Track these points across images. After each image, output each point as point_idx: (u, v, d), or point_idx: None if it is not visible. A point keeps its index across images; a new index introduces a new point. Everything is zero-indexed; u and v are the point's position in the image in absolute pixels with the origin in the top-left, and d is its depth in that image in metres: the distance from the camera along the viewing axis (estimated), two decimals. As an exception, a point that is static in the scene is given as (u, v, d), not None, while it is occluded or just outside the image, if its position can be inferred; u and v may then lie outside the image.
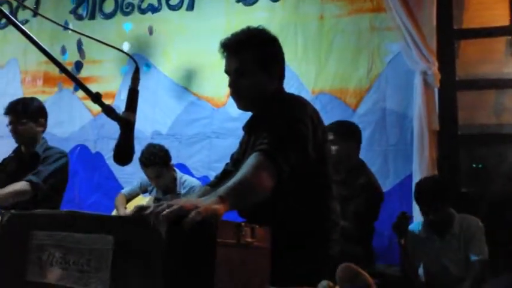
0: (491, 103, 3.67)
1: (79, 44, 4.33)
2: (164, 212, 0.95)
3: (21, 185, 2.54)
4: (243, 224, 1.06)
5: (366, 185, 2.80)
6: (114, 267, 0.96)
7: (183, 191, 3.27)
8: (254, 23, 1.74)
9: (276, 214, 1.42)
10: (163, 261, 0.92)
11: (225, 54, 1.69)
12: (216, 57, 1.73)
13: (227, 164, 1.91)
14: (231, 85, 1.67)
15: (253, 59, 1.64)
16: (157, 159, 3.16)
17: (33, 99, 2.85)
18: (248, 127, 1.75)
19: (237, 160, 1.82)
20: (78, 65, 4.35)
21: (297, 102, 1.63)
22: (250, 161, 1.36)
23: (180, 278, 0.92)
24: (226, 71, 1.69)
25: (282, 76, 1.74)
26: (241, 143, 1.84)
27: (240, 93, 1.67)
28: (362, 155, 3.02)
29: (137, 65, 1.23)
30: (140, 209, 1.13)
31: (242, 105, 1.70)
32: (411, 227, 2.90)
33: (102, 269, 0.97)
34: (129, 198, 3.52)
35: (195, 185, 3.26)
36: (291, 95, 1.71)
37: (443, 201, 2.70)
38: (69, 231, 1.03)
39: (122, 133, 1.16)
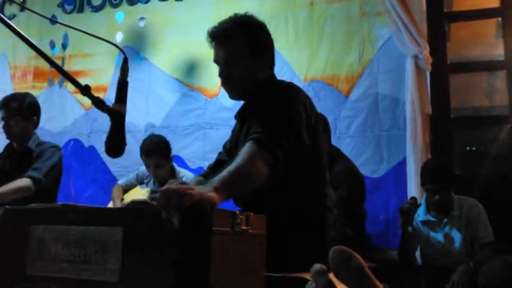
0: (483, 85, 3.68)
1: (66, 38, 4.30)
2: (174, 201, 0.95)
3: (23, 182, 2.52)
4: (237, 212, 1.06)
5: (346, 172, 2.80)
6: (123, 258, 0.96)
7: None
8: (244, 12, 1.70)
9: (271, 201, 1.42)
10: (175, 251, 0.92)
11: (213, 43, 1.66)
12: (207, 47, 1.71)
13: (220, 153, 1.89)
14: (221, 75, 1.66)
15: (242, 47, 1.62)
16: (158, 150, 3.21)
17: (27, 95, 2.81)
18: (240, 115, 1.73)
19: (229, 149, 1.81)
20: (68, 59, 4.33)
21: (289, 88, 1.62)
22: (245, 150, 1.36)
23: (187, 266, 0.93)
24: (216, 61, 1.67)
25: (272, 63, 1.72)
26: (233, 131, 1.82)
27: (230, 82, 1.65)
28: (355, 141, 3.02)
29: (125, 56, 1.22)
30: (133, 202, 1.13)
31: (233, 94, 1.68)
32: None
33: (112, 260, 0.97)
34: (126, 189, 3.53)
35: None
36: (283, 82, 1.69)
37: (449, 182, 2.77)
38: (71, 224, 1.03)
39: (113, 125, 1.16)
